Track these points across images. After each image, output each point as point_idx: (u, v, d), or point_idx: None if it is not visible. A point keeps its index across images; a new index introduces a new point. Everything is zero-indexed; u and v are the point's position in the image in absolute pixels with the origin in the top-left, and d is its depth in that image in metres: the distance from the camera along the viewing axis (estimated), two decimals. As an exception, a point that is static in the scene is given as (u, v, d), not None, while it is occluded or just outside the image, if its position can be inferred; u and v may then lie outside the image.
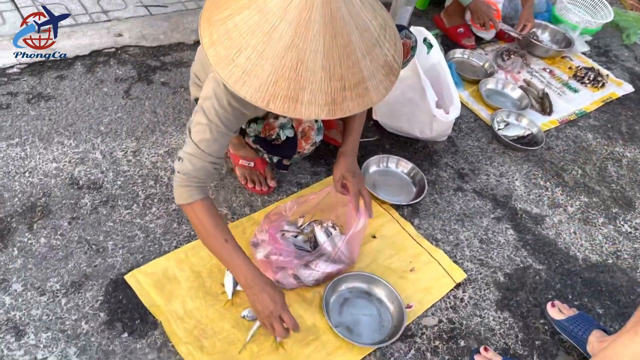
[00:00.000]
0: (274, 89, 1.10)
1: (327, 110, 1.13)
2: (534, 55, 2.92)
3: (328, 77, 1.11)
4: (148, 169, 1.85)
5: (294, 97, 1.10)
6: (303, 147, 1.55)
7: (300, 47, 1.08)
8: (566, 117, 2.56)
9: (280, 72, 1.09)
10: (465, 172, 2.15)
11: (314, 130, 1.53)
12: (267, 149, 1.65)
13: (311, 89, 1.11)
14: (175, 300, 1.51)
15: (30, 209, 1.65)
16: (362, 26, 1.14)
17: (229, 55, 1.11)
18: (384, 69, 1.19)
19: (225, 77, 1.12)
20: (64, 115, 1.97)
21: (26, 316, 1.41)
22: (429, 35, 2.12)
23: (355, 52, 1.12)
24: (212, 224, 1.37)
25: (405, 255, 1.78)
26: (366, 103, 1.17)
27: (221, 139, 1.37)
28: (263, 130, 1.53)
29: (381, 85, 1.19)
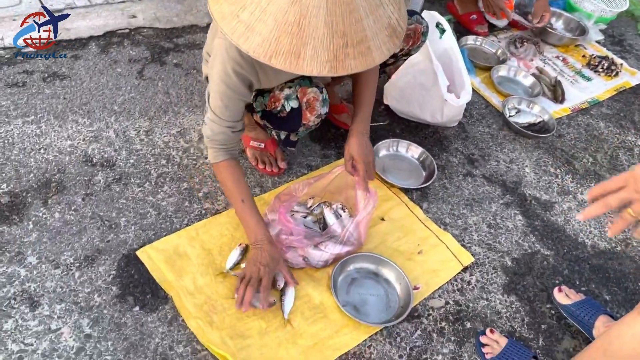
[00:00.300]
0: (277, 45, 1.11)
1: (329, 67, 1.14)
2: (547, 43, 2.90)
3: (330, 34, 1.11)
4: (160, 149, 1.88)
5: (296, 53, 1.11)
6: (308, 118, 1.55)
7: (303, 3, 1.08)
8: (578, 105, 2.54)
9: (283, 28, 1.10)
10: (475, 158, 2.15)
11: (319, 101, 1.54)
12: (274, 124, 1.65)
13: (313, 44, 1.11)
14: (186, 276, 1.54)
15: (45, 185, 1.68)
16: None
17: (233, 11, 1.13)
18: (387, 30, 1.20)
19: (228, 32, 1.13)
20: (79, 94, 1.99)
21: (40, 288, 1.44)
22: (442, 20, 2.11)
23: (358, 10, 1.13)
24: (232, 183, 1.50)
25: (414, 238, 1.80)
26: (368, 62, 1.17)
27: (232, 104, 1.43)
28: (269, 102, 1.54)
29: (384, 46, 1.20)
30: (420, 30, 1.78)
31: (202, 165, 1.85)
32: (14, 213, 1.59)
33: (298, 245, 1.57)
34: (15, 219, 1.57)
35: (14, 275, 1.45)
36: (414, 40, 1.79)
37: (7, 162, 1.71)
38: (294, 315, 1.51)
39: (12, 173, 1.68)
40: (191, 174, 1.82)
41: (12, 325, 1.36)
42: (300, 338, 1.47)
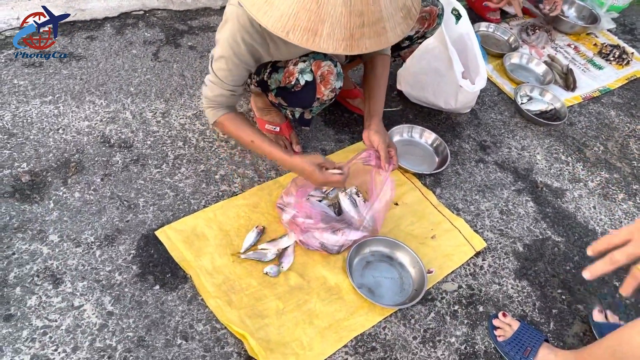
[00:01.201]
0: (295, 20, 1.13)
1: (345, 45, 1.16)
2: (559, 31, 2.90)
3: (348, 12, 1.12)
4: (177, 130, 1.89)
5: (313, 30, 1.13)
6: (322, 92, 1.56)
7: None
8: (590, 94, 2.55)
9: (302, 4, 1.11)
10: (487, 145, 2.17)
11: (333, 74, 1.54)
12: (288, 100, 1.66)
13: (331, 22, 1.13)
14: (204, 257, 1.56)
15: (64, 165, 1.69)
16: None
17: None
18: (402, 11, 1.22)
19: (248, 5, 1.15)
20: (95, 75, 2.00)
21: (63, 265, 1.47)
22: (458, 5, 2.11)
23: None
24: (237, 130, 1.57)
25: (427, 223, 1.82)
26: (383, 42, 1.20)
27: (236, 70, 1.46)
28: (283, 78, 1.56)
29: (398, 27, 1.22)
30: (436, 12, 1.78)
31: (219, 148, 1.87)
32: (34, 192, 1.61)
33: (315, 229, 1.59)
34: (36, 197, 1.59)
35: (36, 252, 1.47)
36: (429, 23, 1.80)
37: (27, 142, 1.72)
38: (309, 296, 1.54)
39: (32, 152, 1.70)
40: (207, 156, 1.83)
41: (36, 302, 1.38)
42: (316, 318, 1.49)
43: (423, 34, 1.82)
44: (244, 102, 2.06)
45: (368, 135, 1.64)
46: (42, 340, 1.32)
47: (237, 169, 1.81)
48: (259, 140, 1.56)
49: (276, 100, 1.69)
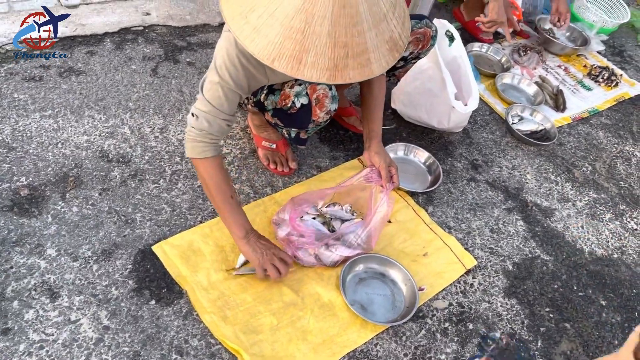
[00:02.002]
0: (280, 49, 1.16)
1: (329, 74, 1.18)
2: (550, 52, 2.96)
3: (332, 43, 1.16)
4: (174, 146, 1.92)
5: (298, 58, 1.16)
6: (317, 114, 1.58)
7: (310, 11, 1.13)
8: (579, 115, 2.61)
9: (288, 33, 1.14)
10: (478, 164, 2.21)
11: (328, 97, 1.57)
12: (284, 121, 1.68)
13: (315, 52, 1.16)
14: (200, 272, 1.58)
15: (63, 179, 1.72)
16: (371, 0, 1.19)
17: (242, 12, 1.18)
18: (389, 44, 1.25)
19: (236, 32, 1.18)
20: (94, 90, 2.03)
21: (60, 280, 1.49)
22: (451, 28, 2.17)
23: (361, 23, 1.17)
24: (222, 180, 1.50)
25: (419, 240, 1.85)
26: (367, 73, 1.22)
27: (232, 97, 1.45)
28: (279, 100, 1.58)
29: (383, 59, 1.24)
30: (430, 34, 1.83)
31: (215, 164, 1.89)
32: (33, 206, 1.63)
33: (309, 247, 1.62)
34: (34, 211, 1.61)
35: (34, 266, 1.49)
36: (423, 44, 1.84)
37: (26, 156, 1.75)
38: (303, 312, 1.56)
39: (31, 166, 1.72)
40: (204, 172, 1.86)
41: (33, 316, 1.40)
42: (310, 334, 1.52)
43: (417, 54, 1.87)
44: (241, 119, 2.09)
45: (369, 157, 1.68)
46: (39, 354, 1.34)
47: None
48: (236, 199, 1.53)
49: (273, 120, 1.72)
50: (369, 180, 1.66)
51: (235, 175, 1.88)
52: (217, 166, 1.49)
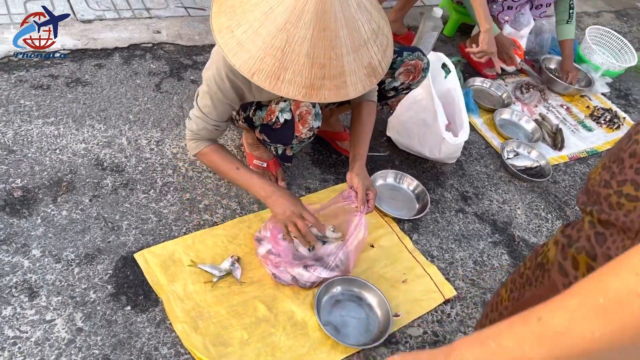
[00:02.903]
0: (260, 64, 1.23)
1: (305, 92, 1.26)
2: (552, 91, 2.98)
3: (310, 64, 1.23)
4: (168, 159, 1.98)
5: (276, 75, 1.24)
6: (300, 130, 1.63)
7: (291, 32, 1.21)
8: (577, 154, 2.61)
9: (269, 50, 1.22)
10: (469, 195, 2.23)
11: (311, 114, 1.62)
12: (270, 137, 1.74)
13: (293, 70, 1.23)
14: (178, 282, 1.62)
15: (56, 183, 1.78)
16: (353, 26, 1.26)
17: (229, 26, 1.26)
18: (367, 69, 1.31)
19: (222, 44, 1.26)
20: (98, 101, 2.11)
21: (41, 280, 1.53)
22: (448, 62, 2.21)
23: (340, 47, 1.25)
24: (222, 159, 1.64)
25: (400, 267, 1.87)
26: (342, 95, 1.29)
27: (220, 106, 1.56)
28: (266, 115, 1.65)
29: (360, 83, 1.31)
30: (421, 66, 1.87)
31: (206, 179, 1.95)
32: (24, 207, 1.69)
33: (287, 266, 1.65)
34: (25, 212, 1.67)
35: (17, 265, 1.54)
36: (414, 75, 1.89)
37: (24, 159, 1.82)
38: (275, 329, 1.58)
39: (28, 169, 1.79)
40: (194, 185, 1.91)
41: (10, 312, 1.44)
42: (279, 351, 1.54)
43: (408, 85, 1.91)
44: (237, 137, 2.15)
45: (350, 178, 1.72)
46: (12, 350, 1.38)
47: (221, 200, 1.89)
48: (244, 167, 1.65)
49: (261, 136, 1.78)
50: (345, 199, 1.69)
51: (224, 190, 1.92)
52: (213, 150, 1.64)
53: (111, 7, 2.58)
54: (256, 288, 1.67)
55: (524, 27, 2.87)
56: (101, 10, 2.54)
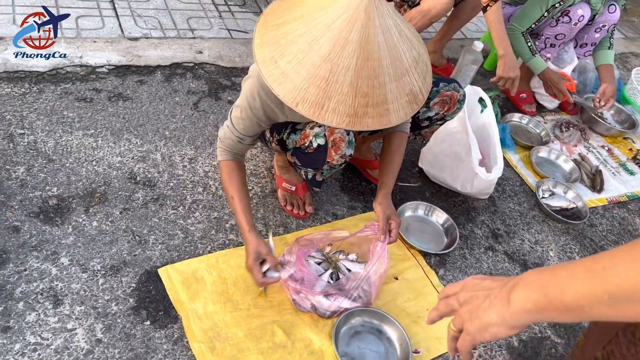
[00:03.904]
0: (304, 94, 1.25)
1: (348, 121, 1.27)
2: (594, 132, 2.91)
3: (354, 93, 1.24)
4: (200, 177, 2.01)
5: (320, 104, 1.25)
6: (332, 156, 1.64)
7: (335, 62, 1.23)
8: (616, 198, 2.53)
9: (313, 80, 1.24)
10: (500, 233, 2.17)
11: (345, 142, 1.62)
12: (302, 160, 1.74)
13: (337, 99, 1.25)
14: (198, 300, 1.62)
15: (90, 194, 1.83)
16: (395, 55, 1.27)
17: (273, 57, 1.27)
18: (408, 96, 1.32)
19: (266, 75, 1.28)
20: (137, 116, 2.17)
21: (66, 288, 1.56)
22: (485, 96, 2.18)
23: (383, 75, 1.26)
24: (227, 179, 1.67)
25: (424, 302, 1.82)
26: (385, 122, 1.30)
27: (248, 122, 1.60)
28: (299, 139, 1.67)
29: (402, 111, 1.32)
30: (457, 97, 1.86)
31: (235, 199, 1.96)
32: (57, 215, 1.73)
33: (307, 293, 1.63)
34: (58, 221, 1.72)
35: (45, 272, 1.58)
36: (450, 107, 1.87)
37: (62, 169, 1.88)
38: (291, 356, 1.56)
39: (64, 179, 1.84)
40: (223, 204, 1.93)
41: (34, 318, 1.47)
42: (293, 379, 1.52)
43: (442, 116, 1.89)
44: (268, 158, 2.17)
45: (375, 207, 1.71)
46: (32, 356, 1.40)
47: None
48: (237, 199, 1.64)
49: (292, 159, 1.79)
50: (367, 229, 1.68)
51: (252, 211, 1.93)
52: (226, 167, 1.67)
53: (157, 26, 2.67)
54: (275, 312, 1.66)
55: (567, 64, 2.82)
56: (148, 28, 2.63)
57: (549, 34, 2.67)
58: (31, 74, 2.20)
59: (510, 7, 2.88)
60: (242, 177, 1.69)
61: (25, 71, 2.20)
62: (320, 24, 1.24)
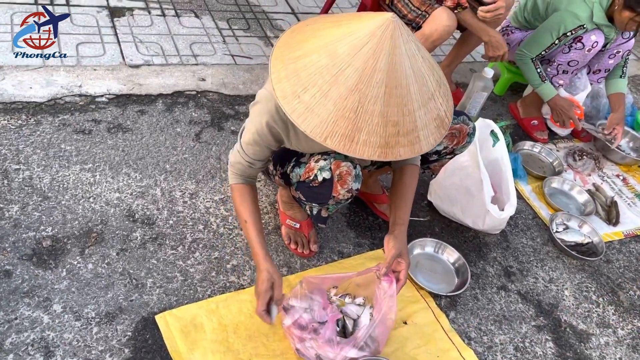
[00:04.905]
0: (333, 127, 1.20)
1: (380, 152, 1.22)
2: (608, 160, 2.82)
3: (384, 122, 1.20)
4: (201, 213, 1.93)
5: (350, 137, 1.20)
6: (338, 191, 1.57)
7: (363, 92, 1.18)
8: (633, 231, 2.43)
9: (341, 113, 1.19)
10: (512, 271, 2.08)
11: (351, 175, 1.56)
12: (306, 195, 1.67)
13: (367, 130, 1.20)
14: (197, 350, 1.54)
15: (86, 234, 1.76)
16: (421, 80, 1.24)
17: (295, 92, 1.22)
18: (436, 121, 1.29)
19: (289, 111, 1.22)
20: (136, 148, 2.10)
21: (58, 338, 1.49)
22: (496, 128, 2.11)
23: (412, 102, 1.22)
24: (240, 203, 1.60)
25: (434, 349, 1.74)
26: (416, 150, 1.26)
27: (257, 146, 1.54)
28: (304, 173, 1.60)
29: (432, 137, 1.28)
30: (466, 131, 1.79)
31: (237, 237, 1.89)
32: (51, 258, 1.66)
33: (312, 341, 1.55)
34: (51, 264, 1.65)
35: (37, 320, 1.51)
36: (459, 140, 1.80)
37: (57, 207, 1.81)
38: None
39: (60, 218, 1.78)
40: (224, 243, 1.86)
41: (23, 372, 1.40)
42: None
43: (452, 150, 1.82)
44: (272, 192, 2.09)
45: (387, 240, 1.61)
46: (20, 414, 1.32)
47: (250, 260, 1.82)
48: (251, 223, 1.59)
49: (296, 194, 1.71)
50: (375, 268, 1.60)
51: (255, 249, 1.86)
52: (237, 191, 1.62)
53: (160, 53, 2.61)
54: (278, 363, 1.58)
55: (580, 91, 2.74)
56: (150, 55, 2.58)
57: (561, 60, 2.60)
58: (29, 104, 2.14)
59: (520, 32, 2.81)
60: (254, 200, 1.64)
61: (22, 102, 2.14)
62: (343, 54, 1.19)
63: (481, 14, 2.34)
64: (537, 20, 2.69)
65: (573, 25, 2.45)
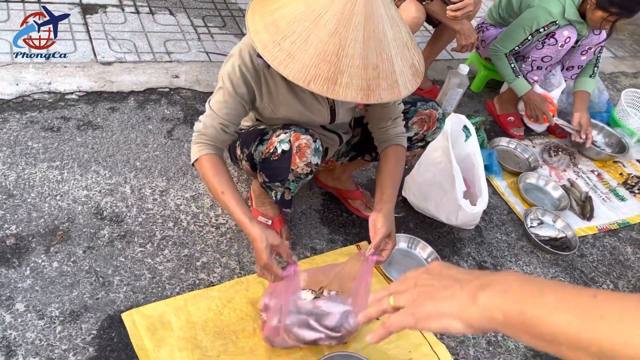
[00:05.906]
0: (316, 71, 1.22)
1: (362, 94, 1.24)
2: (583, 156, 2.83)
3: (365, 65, 1.23)
4: (171, 210, 1.91)
5: (333, 80, 1.22)
6: (297, 163, 1.55)
7: (343, 35, 1.21)
8: (607, 226, 2.45)
9: (323, 56, 1.22)
10: (486, 266, 2.08)
11: (310, 148, 1.54)
12: (267, 173, 1.65)
13: (349, 73, 1.23)
14: (164, 348, 1.52)
15: (51, 232, 1.72)
16: (396, 27, 1.29)
17: (274, 40, 1.24)
18: (412, 69, 1.33)
19: (270, 58, 1.24)
20: (106, 145, 2.07)
21: (20, 337, 1.45)
22: (469, 124, 2.11)
23: (389, 47, 1.27)
24: (212, 175, 1.47)
25: (406, 344, 1.73)
26: (396, 94, 1.29)
27: (231, 102, 1.49)
28: (265, 148, 1.59)
29: (409, 83, 1.32)
30: (436, 116, 1.79)
31: (207, 234, 1.87)
32: (15, 256, 1.63)
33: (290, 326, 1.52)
34: (15, 262, 1.61)
35: (-2, 320, 1.47)
36: (429, 126, 1.79)
37: (23, 204, 1.77)
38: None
39: (25, 216, 1.74)
40: (194, 240, 1.83)
41: (-17, 372, 1.37)
42: None
43: (423, 136, 1.81)
44: (245, 189, 2.07)
45: (374, 218, 1.53)
46: (-23, 415, 1.29)
47: (220, 257, 1.80)
48: (229, 193, 1.46)
49: (261, 178, 1.69)
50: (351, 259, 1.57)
51: (225, 247, 1.84)
52: (209, 162, 1.48)
53: (133, 50, 2.58)
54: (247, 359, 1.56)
55: (555, 88, 2.75)
56: (122, 52, 2.54)
57: (535, 56, 2.61)
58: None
59: (495, 28, 2.82)
60: (227, 170, 1.52)
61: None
62: (321, 1, 1.22)
63: (450, 13, 2.33)
64: (512, 16, 2.70)
65: (546, 22, 2.47)
